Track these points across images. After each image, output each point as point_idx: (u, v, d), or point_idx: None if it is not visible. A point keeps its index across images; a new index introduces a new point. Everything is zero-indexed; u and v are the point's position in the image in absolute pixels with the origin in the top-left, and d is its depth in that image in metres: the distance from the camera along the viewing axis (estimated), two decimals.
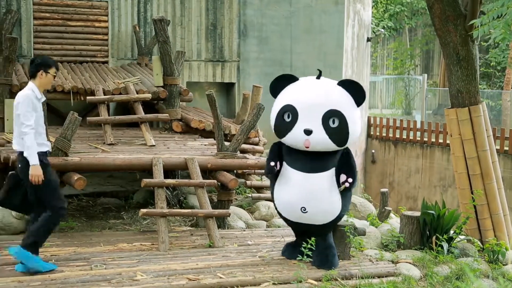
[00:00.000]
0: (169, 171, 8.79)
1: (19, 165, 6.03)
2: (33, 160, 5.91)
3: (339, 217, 6.62)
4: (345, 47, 13.70)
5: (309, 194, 6.41)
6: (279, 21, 13.01)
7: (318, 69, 6.70)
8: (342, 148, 6.48)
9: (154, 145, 8.82)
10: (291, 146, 6.52)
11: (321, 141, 6.31)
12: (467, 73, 8.00)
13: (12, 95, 9.32)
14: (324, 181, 6.41)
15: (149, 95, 9.70)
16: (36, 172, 5.93)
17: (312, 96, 6.38)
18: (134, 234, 7.74)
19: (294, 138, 6.37)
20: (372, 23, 19.69)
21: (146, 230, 8.03)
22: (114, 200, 9.60)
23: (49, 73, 6.14)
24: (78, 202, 9.41)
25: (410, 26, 27.51)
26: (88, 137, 9.26)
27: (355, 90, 6.43)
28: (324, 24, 13.30)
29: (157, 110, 10.25)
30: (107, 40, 11.87)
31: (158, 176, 7.58)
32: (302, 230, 6.71)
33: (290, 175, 6.51)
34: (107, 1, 11.81)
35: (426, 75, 22.65)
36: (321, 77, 6.61)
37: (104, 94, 9.62)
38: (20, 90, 9.22)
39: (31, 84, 6.13)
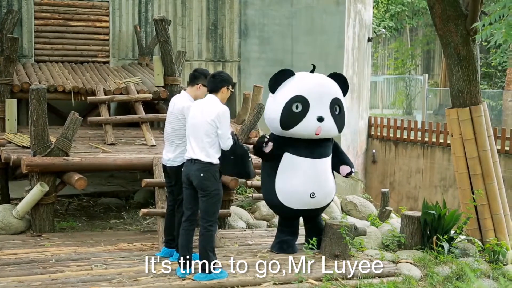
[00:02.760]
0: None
1: (201, 175, 5.95)
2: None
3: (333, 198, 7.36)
4: (346, 47, 13.69)
5: (317, 179, 6.85)
6: (280, 21, 13.01)
7: (313, 64, 7.05)
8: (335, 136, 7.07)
9: (154, 145, 8.82)
10: (298, 137, 6.76)
11: (330, 127, 6.79)
12: (468, 73, 7.99)
13: (13, 95, 9.34)
14: (328, 165, 6.97)
15: (150, 95, 9.71)
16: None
17: (320, 86, 6.83)
18: (134, 234, 7.74)
19: (306, 127, 6.69)
20: (373, 23, 19.68)
21: (147, 230, 8.04)
22: (115, 200, 9.61)
23: (230, 89, 6.25)
24: (79, 202, 9.43)
25: (411, 26, 27.48)
26: (89, 137, 9.26)
27: (343, 82, 7.02)
28: (325, 24, 13.30)
29: (158, 110, 10.25)
30: (108, 40, 11.87)
31: (159, 176, 7.58)
32: (305, 216, 7.11)
33: (297, 163, 6.80)
34: (108, 1, 11.82)
35: (427, 75, 22.63)
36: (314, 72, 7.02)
37: (105, 94, 9.62)
38: (21, 90, 9.32)
39: (215, 98, 6.11)
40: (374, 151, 16.51)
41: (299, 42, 13.13)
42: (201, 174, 5.95)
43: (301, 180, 6.80)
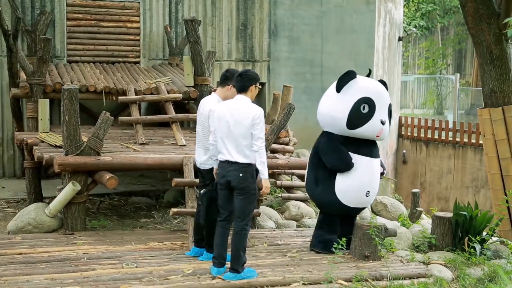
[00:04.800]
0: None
1: (240, 175, 5.97)
2: (266, 174, 6.14)
3: None
4: (376, 47, 13.61)
5: (372, 178, 7.06)
6: (310, 21, 12.98)
7: (369, 69, 7.39)
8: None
9: (184, 145, 8.87)
10: (360, 137, 6.93)
11: (387, 130, 7.07)
12: (501, 72, 7.89)
13: (46, 95, 9.47)
14: (379, 165, 7.16)
15: (180, 95, 9.76)
16: (268, 185, 6.17)
17: (381, 91, 7.03)
18: (164, 233, 7.79)
19: (371, 128, 6.86)
20: (403, 22, 19.53)
21: (177, 229, 8.08)
22: (145, 199, 9.68)
23: (257, 86, 6.31)
24: (110, 201, 9.52)
25: (442, 25, 27.22)
26: (119, 136, 9.34)
27: (387, 89, 7.20)
28: (355, 23, 13.23)
29: (188, 110, 10.30)
30: (138, 40, 11.97)
31: (189, 176, 7.61)
32: (352, 215, 7.23)
33: (357, 161, 6.94)
34: (139, 2, 11.91)
35: (458, 74, 22.40)
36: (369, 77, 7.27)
37: (136, 94, 9.70)
38: (54, 90, 9.44)
39: (245, 97, 6.14)
40: (404, 151, 16.38)
41: (329, 41, 13.09)
42: (240, 174, 5.97)
43: (360, 178, 6.94)
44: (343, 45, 13.15)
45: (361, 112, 6.82)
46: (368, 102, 6.82)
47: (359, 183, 6.94)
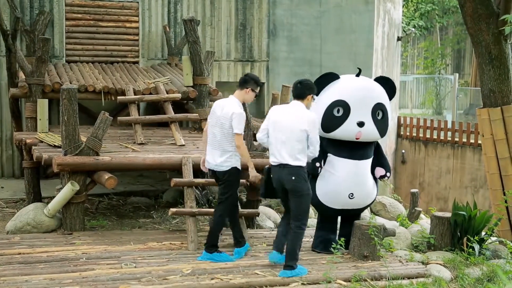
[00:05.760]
0: (199, 171, 8.82)
1: (293, 178, 6.19)
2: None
3: (375, 199, 7.38)
4: (375, 47, 13.62)
5: (357, 180, 6.94)
6: (309, 21, 12.98)
7: (358, 68, 7.19)
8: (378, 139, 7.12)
9: (183, 145, 8.87)
10: (340, 139, 6.88)
11: (370, 132, 6.89)
12: (500, 72, 7.90)
13: (45, 95, 9.46)
14: (369, 167, 7.04)
15: (179, 95, 9.76)
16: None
17: (362, 91, 6.90)
18: (163, 233, 7.79)
19: (346, 131, 6.79)
20: (402, 22, 19.53)
21: (176, 229, 8.08)
22: (144, 199, 9.68)
23: (313, 98, 6.55)
24: (108, 201, 9.52)
25: (441, 25, 27.21)
26: (118, 136, 9.34)
27: (389, 87, 7.09)
28: (354, 23, 13.23)
29: (187, 110, 10.30)
30: (137, 40, 11.97)
31: (188, 176, 7.61)
32: (343, 216, 7.19)
33: (337, 164, 6.90)
34: (137, 2, 11.91)
35: (457, 74, 22.38)
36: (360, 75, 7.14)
37: (135, 94, 9.70)
38: (52, 90, 9.43)
39: (301, 104, 6.34)
40: (403, 151, 16.37)
41: (328, 41, 13.09)
42: (293, 177, 6.18)
43: (341, 181, 6.89)
44: (342, 45, 13.15)
45: (334, 115, 6.80)
46: (342, 104, 6.78)
47: (337, 186, 6.90)
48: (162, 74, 10.89)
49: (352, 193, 6.91)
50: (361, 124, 6.79)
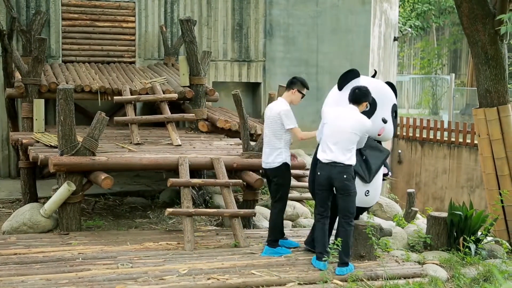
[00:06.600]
0: (195, 171, 8.83)
1: (344, 176, 6.42)
2: None
3: None
4: (372, 47, 13.62)
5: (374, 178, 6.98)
6: (306, 21, 12.98)
7: (374, 69, 7.44)
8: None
9: (180, 145, 8.87)
10: None
11: (389, 130, 7.08)
12: (496, 72, 7.90)
13: (41, 95, 9.45)
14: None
15: (175, 95, 9.75)
16: None
17: (385, 90, 7.12)
18: (160, 233, 7.79)
19: (371, 126, 6.80)
20: (399, 22, 19.56)
21: (172, 229, 8.07)
22: (141, 199, 9.67)
23: (367, 105, 6.75)
24: (105, 201, 9.50)
25: (437, 25, 27.26)
26: (115, 136, 9.33)
27: (395, 91, 7.31)
28: (351, 23, 13.24)
29: (183, 110, 10.29)
30: (134, 40, 11.95)
31: (184, 176, 7.61)
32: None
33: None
34: (134, 2, 11.90)
35: (453, 74, 22.41)
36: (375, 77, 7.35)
37: (131, 94, 9.69)
38: (49, 90, 9.42)
39: (356, 108, 6.61)
40: (400, 151, 16.39)
41: (324, 41, 13.09)
42: (344, 176, 6.43)
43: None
44: (338, 45, 13.15)
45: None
46: (370, 100, 6.85)
47: (357, 182, 6.85)
48: (159, 74, 10.88)
49: (368, 190, 6.95)
50: (385, 121, 6.99)
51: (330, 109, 6.74)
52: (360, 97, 6.61)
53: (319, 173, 6.55)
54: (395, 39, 15.93)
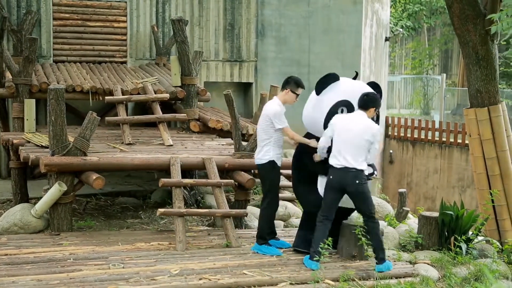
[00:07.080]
0: (187, 171, 8.82)
1: (357, 181, 6.57)
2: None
3: None
4: (363, 47, 13.65)
5: None
6: (297, 21, 12.99)
7: (356, 71, 7.42)
8: None
9: (171, 145, 8.86)
10: None
11: None
12: (487, 72, 7.92)
13: (32, 95, 9.42)
14: None
15: (167, 95, 9.74)
16: None
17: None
18: (151, 233, 7.77)
19: None
20: (390, 23, 19.58)
21: (164, 229, 8.06)
22: (132, 199, 9.65)
23: (376, 112, 6.85)
24: (96, 202, 9.48)
25: (428, 25, 27.33)
26: (106, 136, 9.31)
27: (379, 91, 7.12)
28: (342, 24, 13.26)
29: (175, 110, 10.28)
30: (125, 40, 11.93)
31: (176, 176, 7.60)
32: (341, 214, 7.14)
33: None
34: (125, 2, 11.87)
35: (444, 74, 22.50)
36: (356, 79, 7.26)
37: (123, 94, 9.67)
38: (40, 90, 9.39)
39: (364, 114, 6.71)
40: (391, 151, 16.43)
41: (316, 42, 13.11)
42: (357, 181, 6.56)
43: None
44: (330, 45, 13.17)
45: (338, 114, 6.84)
46: (346, 104, 6.84)
47: None
48: (150, 74, 10.87)
49: None
50: None
51: (338, 118, 6.74)
52: (368, 102, 6.70)
53: (331, 177, 6.63)
54: (386, 39, 15.96)
